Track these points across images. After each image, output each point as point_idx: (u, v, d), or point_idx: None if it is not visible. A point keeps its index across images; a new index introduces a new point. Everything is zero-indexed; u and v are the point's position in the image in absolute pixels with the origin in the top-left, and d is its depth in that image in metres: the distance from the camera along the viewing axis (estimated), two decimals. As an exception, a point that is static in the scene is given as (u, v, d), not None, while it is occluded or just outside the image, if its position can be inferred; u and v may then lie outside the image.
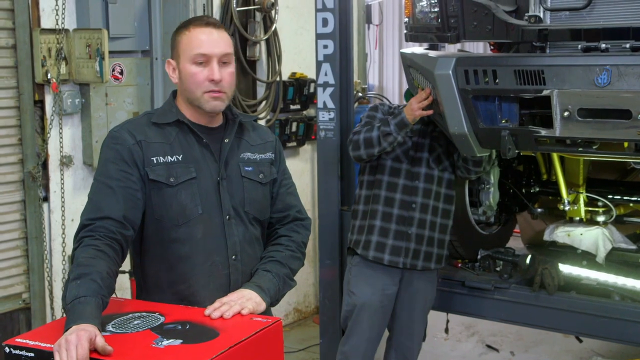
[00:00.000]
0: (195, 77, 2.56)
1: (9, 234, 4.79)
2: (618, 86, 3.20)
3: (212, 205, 2.59)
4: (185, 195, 2.55)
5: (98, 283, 2.25)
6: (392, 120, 3.86)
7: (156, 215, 2.55)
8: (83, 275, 2.26)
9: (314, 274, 6.70)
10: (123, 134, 2.56)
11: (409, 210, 4.01)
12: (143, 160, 2.53)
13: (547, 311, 4.09)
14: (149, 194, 2.54)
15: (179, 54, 2.59)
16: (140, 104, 5.26)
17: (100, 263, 2.32)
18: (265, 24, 5.99)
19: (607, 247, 4.23)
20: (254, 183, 2.69)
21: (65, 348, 2.01)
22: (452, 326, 4.90)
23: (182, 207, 2.54)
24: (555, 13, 3.57)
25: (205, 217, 2.57)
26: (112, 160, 2.53)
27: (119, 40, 5.09)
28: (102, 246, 2.38)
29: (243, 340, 2.10)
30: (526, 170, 4.76)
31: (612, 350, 5.43)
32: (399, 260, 4.02)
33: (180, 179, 2.55)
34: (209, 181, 2.60)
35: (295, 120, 6.38)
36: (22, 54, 4.67)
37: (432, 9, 3.95)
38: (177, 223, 2.55)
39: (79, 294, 2.20)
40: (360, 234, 4.07)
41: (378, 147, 3.89)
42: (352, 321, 4.09)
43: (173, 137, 2.59)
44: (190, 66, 2.56)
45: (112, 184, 2.49)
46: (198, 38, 2.56)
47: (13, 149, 4.75)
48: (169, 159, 2.55)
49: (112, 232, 2.43)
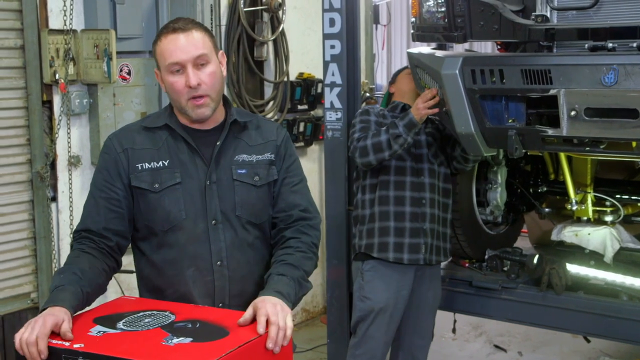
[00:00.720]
0: (175, 87, 2.50)
1: (18, 234, 4.81)
2: (625, 85, 3.20)
3: (197, 210, 2.54)
4: (169, 201, 2.53)
5: (78, 275, 2.35)
6: (400, 122, 3.86)
7: (145, 221, 2.57)
8: (65, 270, 2.39)
9: (321, 274, 6.69)
10: (113, 142, 2.59)
11: (420, 206, 4.02)
12: (127, 169, 2.55)
13: (555, 311, 4.09)
14: (136, 201, 2.56)
15: (158, 64, 2.56)
16: (147, 104, 5.27)
17: (83, 259, 2.44)
18: (272, 24, 6.00)
19: (615, 247, 4.22)
20: (247, 186, 2.59)
21: (31, 326, 2.12)
22: (460, 326, 4.90)
23: (166, 212, 2.53)
24: (562, 12, 3.57)
25: (189, 223, 2.54)
26: (99, 170, 2.61)
27: (126, 40, 5.11)
28: (88, 249, 2.49)
29: (253, 339, 2.10)
30: (534, 169, 4.76)
31: (620, 351, 5.42)
32: (418, 257, 4.02)
33: (165, 185, 2.53)
34: (196, 186, 2.55)
35: (303, 121, 6.39)
36: (30, 54, 4.69)
37: (439, 9, 3.95)
38: (163, 228, 2.54)
39: (59, 283, 2.33)
40: (370, 238, 4.04)
41: (388, 150, 3.87)
42: (367, 325, 4.07)
43: (162, 142, 2.57)
44: (168, 76, 2.50)
45: (96, 194, 2.57)
46: (167, 47, 2.49)
47: (21, 149, 4.77)
48: (154, 164, 2.54)
49: (95, 242, 2.52)
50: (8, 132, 4.70)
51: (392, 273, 4.03)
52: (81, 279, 2.35)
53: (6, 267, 4.74)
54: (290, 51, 6.13)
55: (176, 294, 2.55)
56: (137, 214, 2.58)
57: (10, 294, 4.76)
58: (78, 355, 2.02)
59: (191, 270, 2.54)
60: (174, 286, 2.56)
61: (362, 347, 4.10)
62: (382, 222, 4.01)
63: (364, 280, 4.07)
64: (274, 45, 6.07)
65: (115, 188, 2.55)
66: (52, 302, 2.23)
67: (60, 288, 2.30)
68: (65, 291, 2.28)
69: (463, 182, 4.44)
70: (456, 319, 4.72)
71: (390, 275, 4.03)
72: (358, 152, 3.93)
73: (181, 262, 2.55)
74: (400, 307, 4.09)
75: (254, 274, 2.61)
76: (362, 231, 4.09)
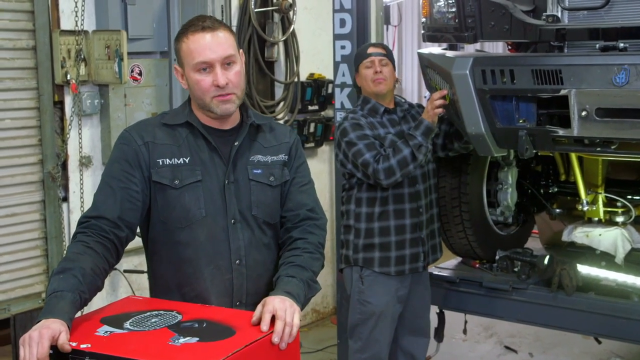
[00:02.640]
0: (201, 85, 2.51)
1: (29, 234, 4.83)
2: (636, 85, 3.19)
3: (217, 208, 2.56)
4: (189, 198, 2.53)
5: (78, 279, 2.26)
6: (416, 131, 3.83)
7: (161, 217, 2.55)
8: (66, 269, 2.29)
9: (332, 274, 6.70)
10: (132, 135, 2.55)
11: (418, 215, 4.03)
12: (149, 162, 2.53)
13: (566, 312, 4.07)
14: (154, 196, 2.54)
15: (182, 62, 2.56)
16: (158, 104, 5.28)
17: (86, 259, 2.33)
18: (283, 25, 6.01)
19: (626, 248, 4.20)
20: (263, 186, 2.63)
21: (28, 344, 2.06)
22: (470, 327, 4.89)
23: (185, 209, 2.53)
24: (573, 12, 3.56)
25: (209, 221, 2.55)
26: (116, 160, 2.54)
27: (137, 41, 5.12)
28: (92, 243, 2.39)
29: (259, 338, 2.10)
30: (544, 170, 4.74)
31: (631, 352, 5.40)
32: (418, 265, 4.08)
33: (185, 182, 2.53)
34: (215, 184, 2.57)
35: (313, 121, 6.39)
36: (42, 55, 4.71)
37: (450, 9, 3.94)
38: (181, 225, 2.54)
39: (58, 287, 2.23)
40: (369, 252, 4.02)
41: (413, 163, 3.83)
42: (370, 329, 4.07)
43: (183, 139, 2.57)
44: (194, 74, 2.52)
45: (113, 183, 2.50)
46: (196, 46, 2.50)
47: (33, 150, 4.79)
48: (175, 161, 2.54)
49: (105, 231, 2.44)
50: (20, 133, 4.72)
51: (392, 280, 4.05)
52: (81, 283, 2.26)
53: (18, 266, 4.76)
54: (300, 52, 6.13)
55: (193, 292, 2.55)
56: (153, 210, 2.55)
57: (22, 294, 4.78)
58: (85, 356, 2.02)
59: (210, 268, 2.55)
60: (191, 284, 2.56)
61: (367, 352, 4.11)
62: (383, 238, 4.00)
63: (364, 284, 4.06)
64: (285, 45, 6.07)
65: (134, 179, 2.51)
66: (49, 313, 2.15)
67: (59, 295, 2.21)
68: (64, 299, 2.20)
69: (473, 183, 4.43)
70: (467, 320, 4.71)
71: (390, 282, 4.05)
72: (383, 174, 3.82)
73: (199, 260, 2.55)
74: (398, 307, 4.12)
75: (269, 274, 2.62)
76: (357, 244, 4.06)
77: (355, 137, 3.90)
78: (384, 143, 3.93)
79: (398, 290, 4.07)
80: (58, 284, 2.24)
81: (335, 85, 4.78)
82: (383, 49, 4.09)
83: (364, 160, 3.87)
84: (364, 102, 4.07)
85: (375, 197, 4.00)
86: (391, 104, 4.08)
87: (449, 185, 4.43)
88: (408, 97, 8.75)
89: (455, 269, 4.59)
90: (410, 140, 3.82)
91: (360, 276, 4.07)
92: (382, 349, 4.12)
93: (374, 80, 3.98)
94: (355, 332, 4.12)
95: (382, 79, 3.98)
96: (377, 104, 4.03)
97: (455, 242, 4.57)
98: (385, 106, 4.04)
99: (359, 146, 3.87)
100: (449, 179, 4.43)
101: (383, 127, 3.99)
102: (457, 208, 4.43)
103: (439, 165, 4.34)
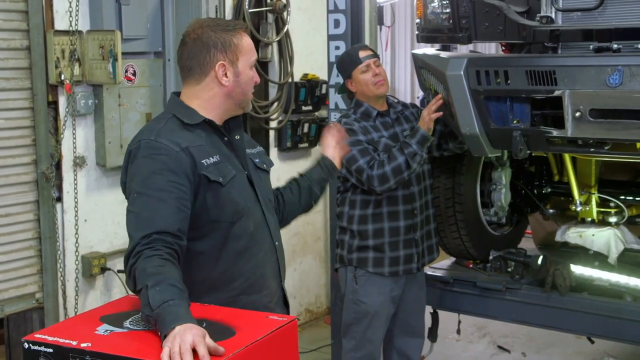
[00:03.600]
0: (255, 81, 2.67)
1: (23, 234, 4.81)
2: (630, 86, 3.20)
3: (252, 198, 2.67)
4: (235, 192, 2.59)
5: (178, 287, 2.21)
6: (412, 139, 3.84)
7: (212, 216, 2.54)
8: (160, 282, 2.20)
9: (325, 275, 6.71)
10: (165, 143, 2.50)
11: (413, 217, 4.04)
12: (195, 166, 2.50)
13: (559, 312, 4.09)
14: (203, 198, 2.52)
15: (237, 57, 2.61)
16: (152, 105, 5.28)
17: (171, 270, 2.27)
18: (277, 25, 6.02)
19: (619, 248, 4.22)
20: (265, 173, 2.81)
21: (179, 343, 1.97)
22: (464, 327, 4.90)
23: (235, 204, 2.58)
24: (566, 13, 3.58)
25: (252, 210, 2.65)
26: (157, 172, 2.45)
27: (131, 41, 5.12)
28: (166, 255, 2.32)
29: (259, 339, 2.10)
30: (538, 170, 4.75)
31: (624, 352, 5.42)
32: (412, 266, 4.09)
33: (228, 177, 2.58)
34: (242, 176, 2.66)
35: (307, 122, 6.40)
36: (36, 55, 4.70)
37: (444, 10, 3.96)
38: (233, 220, 2.58)
39: (166, 298, 2.15)
40: (363, 252, 4.04)
41: (407, 171, 3.85)
42: (364, 329, 4.08)
43: (203, 138, 2.59)
44: (249, 70, 2.65)
45: (164, 196, 2.42)
46: (251, 45, 2.67)
47: (27, 150, 4.78)
48: (212, 159, 2.56)
49: (170, 243, 2.37)
50: (14, 133, 4.71)
51: (386, 280, 4.06)
52: (182, 290, 2.21)
53: (11, 267, 4.75)
54: (294, 52, 6.14)
55: (247, 282, 2.62)
56: (201, 211, 2.52)
57: (15, 294, 4.77)
58: (85, 355, 2.01)
59: (261, 254, 2.67)
60: (245, 275, 2.62)
61: (361, 351, 4.12)
62: (377, 240, 4.02)
63: (358, 284, 4.08)
64: (279, 46, 6.08)
65: (183, 187, 2.47)
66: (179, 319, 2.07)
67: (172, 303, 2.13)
68: (181, 306, 2.14)
69: (467, 183, 4.44)
70: (460, 320, 4.73)
71: (384, 282, 4.06)
72: (377, 181, 3.84)
73: (252, 249, 2.64)
74: (392, 307, 4.13)
75: None
76: (352, 245, 4.07)
77: (349, 143, 3.87)
78: (378, 147, 3.93)
79: (392, 291, 4.08)
80: (163, 295, 2.16)
81: (330, 85, 4.79)
82: (371, 50, 4.12)
83: (358, 167, 3.88)
84: (357, 105, 4.07)
85: (369, 200, 4.01)
86: (384, 106, 4.08)
87: (443, 185, 4.45)
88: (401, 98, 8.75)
89: (449, 269, 4.60)
90: (406, 149, 3.83)
91: (355, 276, 4.08)
92: (375, 349, 4.15)
93: (376, 83, 3.99)
94: (349, 331, 4.14)
95: (382, 81, 4.00)
96: (369, 107, 4.03)
97: (449, 242, 4.59)
98: (378, 109, 4.04)
99: (352, 152, 3.87)
100: (443, 180, 4.45)
101: (376, 130, 4.00)
102: (451, 208, 4.44)
103: (433, 166, 4.36)
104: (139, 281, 2.24)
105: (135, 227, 2.40)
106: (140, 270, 2.26)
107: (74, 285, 4.95)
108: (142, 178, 2.47)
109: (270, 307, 2.66)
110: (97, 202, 5.08)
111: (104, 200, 5.11)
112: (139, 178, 2.48)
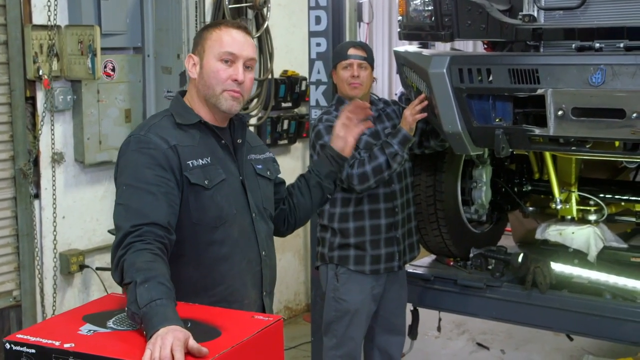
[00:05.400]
0: (219, 74, 2.56)
1: (0, 231, 4.76)
2: (612, 85, 3.21)
3: (241, 204, 2.62)
4: (220, 197, 2.55)
5: (167, 286, 2.19)
6: (393, 139, 3.83)
7: (193, 219, 2.52)
8: (150, 278, 2.18)
9: (304, 272, 6.70)
10: (154, 139, 2.49)
11: (394, 215, 4.03)
12: (180, 165, 2.49)
13: (539, 309, 4.10)
14: (186, 199, 2.50)
15: (204, 49, 2.59)
16: (131, 101, 5.24)
17: (161, 266, 2.25)
18: (257, 21, 5.99)
19: (599, 246, 4.25)
20: (266, 180, 2.76)
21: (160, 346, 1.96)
22: (443, 324, 4.90)
23: (219, 208, 2.54)
24: (549, 12, 3.57)
25: (239, 217, 2.60)
26: (146, 166, 2.44)
27: (111, 37, 5.08)
28: (156, 250, 2.30)
29: (245, 340, 2.07)
30: (518, 168, 4.77)
31: (602, 349, 5.46)
32: (393, 265, 4.07)
33: (214, 181, 2.54)
34: (235, 181, 2.62)
35: (287, 118, 6.38)
36: (13, 50, 4.65)
37: (426, 8, 3.95)
38: (215, 225, 2.54)
39: (154, 296, 2.12)
40: (344, 250, 4.03)
41: (388, 171, 3.84)
42: (345, 327, 4.08)
43: (197, 139, 2.57)
44: (215, 63, 2.57)
45: (153, 189, 2.41)
46: (227, 37, 2.58)
47: (4, 146, 4.73)
48: (200, 161, 2.54)
49: (161, 236, 2.35)
50: (-9, 129, 4.66)
51: (367, 278, 4.06)
52: (170, 290, 2.19)
53: (-12, 264, 4.70)
54: (274, 48, 6.11)
55: (228, 289, 2.59)
56: (183, 213, 2.50)
57: (-8, 292, 4.73)
58: (69, 355, 1.98)
59: (244, 262, 2.62)
60: (226, 282, 2.58)
61: (342, 349, 4.11)
62: (358, 238, 4.00)
63: (339, 282, 4.07)
64: (259, 42, 6.04)
65: (171, 183, 2.45)
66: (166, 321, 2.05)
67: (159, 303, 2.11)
68: (168, 307, 2.12)
69: (448, 181, 4.45)
70: (441, 317, 4.73)
71: (365, 280, 4.06)
72: (357, 179, 3.83)
73: (234, 256, 2.60)
74: (373, 305, 4.12)
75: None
76: (333, 243, 4.06)
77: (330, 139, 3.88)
78: (359, 145, 3.91)
79: (373, 289, 4.07)
80: (150, 294, 2.13)
81: (310, 82, 4.77)
82: (364, 51, 4.03)
83: None
84: (339, 102, 4.05)
85: (350, 198, 3.99)
86: None
87: (424, 183, 4.45)
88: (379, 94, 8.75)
89: (429, 267, 4.60)
90: (387, 148, 3.83)
91: (336, 274, 4.07)
92: (356, 347, 4.14)
93: (350, 84, 3.96)
94: (330, 329, 4.13)
95: (358, 84, 3.96)
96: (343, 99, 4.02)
97: (429, 240, 4.59)
98: None
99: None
100: (424, 177, 4.45)
101: None
102: (432, 206, 4.44)
103: (414, 164, 4.35)
104: (127, 275, 2.22)
105: (125, 218, 2.37)
106: (130, 263, 2.24)
107: (52, 282, 4.91)
108: (132, 171, 2.46)
109: None
110: (76, 199, 5.04)
111: (82, 196, 5.06)
112: (128, 171, 2.47)
